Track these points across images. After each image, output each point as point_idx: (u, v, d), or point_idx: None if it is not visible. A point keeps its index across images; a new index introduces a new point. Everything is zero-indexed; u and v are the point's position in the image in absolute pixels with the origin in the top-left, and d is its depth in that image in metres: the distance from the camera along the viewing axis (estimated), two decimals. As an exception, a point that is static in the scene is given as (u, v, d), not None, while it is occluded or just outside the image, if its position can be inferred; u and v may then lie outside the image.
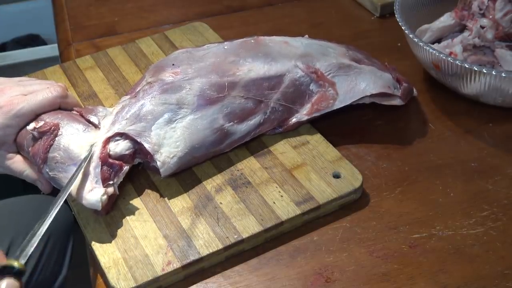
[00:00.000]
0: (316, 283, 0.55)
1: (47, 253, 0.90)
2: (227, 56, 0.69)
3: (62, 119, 0.61)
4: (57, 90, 0.63)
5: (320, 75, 0.69)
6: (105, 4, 1.02)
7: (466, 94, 0.74)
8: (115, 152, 0.60)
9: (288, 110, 0.68)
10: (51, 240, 0.91)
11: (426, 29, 0.81)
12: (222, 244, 0.57)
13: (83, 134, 0.61)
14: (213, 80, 0.66)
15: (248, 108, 0.66)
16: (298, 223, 0.60)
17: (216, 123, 0.64)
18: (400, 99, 0.70)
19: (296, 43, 0.73)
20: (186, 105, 0.64)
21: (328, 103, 0.68)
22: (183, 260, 0.55)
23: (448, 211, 0.62)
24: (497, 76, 0.67)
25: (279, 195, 0.61)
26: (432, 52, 0.70)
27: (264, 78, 0.67)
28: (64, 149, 0.59)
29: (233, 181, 0.63)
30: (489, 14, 0.76)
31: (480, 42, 0.76)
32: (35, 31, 1.76)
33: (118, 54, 0.84)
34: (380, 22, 0.95)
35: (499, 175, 0.65)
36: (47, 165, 0.59)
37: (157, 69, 0.68)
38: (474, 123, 0.73)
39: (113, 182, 0.59)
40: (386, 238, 0.59)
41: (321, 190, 0.61)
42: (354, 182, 0.62)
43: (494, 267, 0.56)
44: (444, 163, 0.67)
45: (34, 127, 0.60)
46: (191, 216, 0.60)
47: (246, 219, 0.59)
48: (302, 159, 0.65)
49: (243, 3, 1.01)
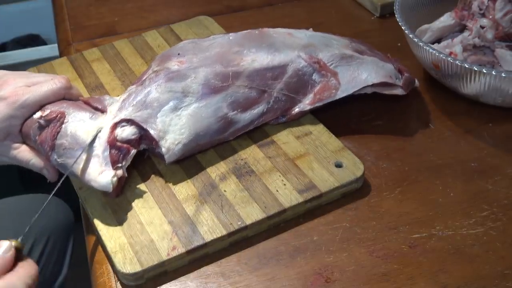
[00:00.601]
0: (316, 283, 0.55)
1: (47, 253, 0.90)
2: (231, 47, 0.70)
3: (68, 108, 0.62)
4: (61, 81, 0.63)
5: (323, 65, 0.69)
6: (105, 4, 1.02)
7: (466, 94, 0.74)
8: (121, 137, 0.61)
9: (291, 100, 0.69)
10: (51, 240, 0.92)
11: (426, 29, 0.81)
12: (226, 230, 0.58)
13: (90, 121, 0.62)
14: (217, 70, 0.67)
15: (252, 98, 0.67)
16: (300, 210, 0.61)
17: (220, 111, 0.65)
18: (401, 88, 0.70)
19: (300, 34, 0.74)
20: (191, 93, 0.65)
21: (331, 93, 0.69)
22: (187, 246, 0.56)
23: (448, 211, 0.62)
24: (497, 76, 0.67)
25: (282, 183, 0.62)
26: (432, 52, 0.70)
27: (268, 68, 0.68)
28: (71, 135, 0.60)
29: (237, 170, 0.64)
30: (489, 14, 0.76)
31: (480, 42, 0.76)
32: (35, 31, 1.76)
33: (125, 47, 0.85)
34: (380, 22, 0.95)
35: (499, 175, 0.65)
36: (55, 152, 0.60)
37: (163, 58, 0.69)
38: (474, 123, 0.73)
39: (121, 165, 0.61)
40: (386, 238, 0.59)
41: (323, 178, 0.62)
42: (355, 172, 0.63)
43: (494, 267, 0.56)
44: (444, 163, 0.67)
45: (41, 116, 0.61)
46: (196, 203, 0.61)
47: (249, 207, 0.60)
48: (305, 149, 0.66)
49: (243, 3, 1.01)
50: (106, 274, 0.58)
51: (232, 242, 0.59)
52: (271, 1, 1.01)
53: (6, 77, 0.63)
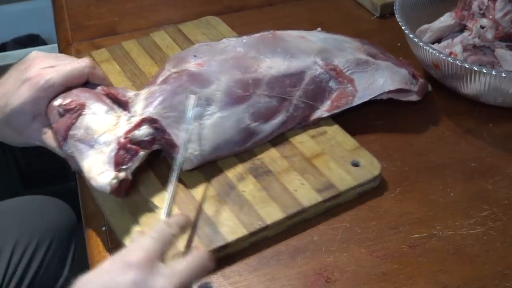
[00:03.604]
0: (316, 283, 0.55)
1: (50, 255, 0.91)
2: (247, 51, 0.70)
3: (89, 98, 0.61)
4: (85, 61, 0.63)
5: (339, 72, 0.70)
6: (105, 4, 1.02)
7: (466, 94, 0.74)
8: (135, 137, 0.60)
9: (310, 107, 0.69)
10: (55, 242, 0.92)
11: (426, 29, 0.81)
12: (247, 230, 0.57)
13: (106, 115, 0.61)
14: (236, 76, 0.67)
15: (273, 107, 0.67)
16: (320, 210, 0.61)
17: (242, 122, 0.65)
18: (416, 94, 0.71)
19: (312, 37, 0.74)
20: (215, 101, 0.64)
21: (348, 99, 0.69)
22: (209, 246, 0.56)
23: (448, 211, 0.62)
24: (497, 76, 0.67)
25: (300, 183, 0.62)
26: (432, 52, 0.70)
27: (285, 75, 0.68)
28: (85, 127, 0.59)
29: (254, 170, 0.64)
30: (489, 14, 0.76)
31: (480, 42, 0.76)
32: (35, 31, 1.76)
33: (133, 47, 0.85)
34: (380, 22, 0.95)
35: (499, 175, 0.65)
36: (67, 143, 0.59)
37: (178, 60, 0.69)
38: (474, 123, 0.73)
39: (126, 167, 0.59)
40: (386, 238, 0.59)
41: (341, 178, 0.62)
42: (373, 170, 0.63)
43: (494, 267, 0.56)
44: (444, 163, 0.67)
45: (60, 104, 0.60)
46: (215, 204, 0.60)
47: (269, 206, 0.60)
48: (321, 149, 0.66)
49: (243, 3, 1.01)
50: (106, 274, 0.57)
51: (253, 242, 0.58)
52: (272, 1, 1.01)
53: (35, 59, 0.63)
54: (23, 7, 1.73)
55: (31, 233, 0.89)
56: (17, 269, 0.85)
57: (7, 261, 0.85)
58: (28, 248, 0.87)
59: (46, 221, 0.93)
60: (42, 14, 1.59)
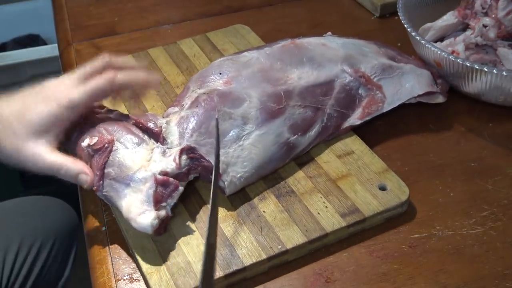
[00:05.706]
0: (316, 283, 0.55)
1: (53, 255, 0.91)
2: (272, 63, 0.68)
3: (117, 131, 0.58)
4: (109, 75, 0.58)
5: (368, 78, 0.69)
6: (105, 4, 1.02)
7: (467, 93, 0.74)
8: (173, 172, 0.57)
9: (342, 116, 0.68)
10: (57, 242, 0.92)
11: (428, 27, 0.81)
12: (265, 254, 0.55)
13: (138, 149, 0.58)
14: (268, 90, 0.64)
15: (308, 117, 0.65)
16: (342, 235, 0.58)
17: (282, 137, 0.63)
18: (441, 96, 0.71)
19: (332, 44, 0.73)
20: (251, 119, 0.62)
21: (378, 106, 0.69)
22: (226, 269, 0.54)
23: (448, 211, 0.62)
24: (498, 75, 0.67)
25: (323, 205, 0.59)
26: (434, 51, 0.70)
27: (316, 85, 0.67)
28: (118, 164, 0.56)
29: (276, 190, 0.62)
30: (492, 13, 0.76)
31: (483, 41, 0.76)
32: (35, 31, 1.76)
33: (160, 55, 0.83)
34: (380, 22, 0.95)
35: (499, 175, 0.65)
36: (103, 183, 0.56)
37: (203, 79, 0.66)
38: (474, 122, 0.73)
39: (165, 204, 0.56)
40: (386, 238, 0.59)
41: (366, 202, 0.59)
42: (400, 195, 0.60)
43: (494, 267, 0.56)
44: (444, 163, 0.67)
45: (88, 144, 0.57)
46: (234, 224, 0.58)
47: (290, 229, 0.57)
48: (347, 169, 0.63)
49: (243, 3, 1.01)
50: (106, 274, 0.57)
51: (271, 266, 0.56)
52: (271, 1, 1.01)
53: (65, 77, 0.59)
54: (23, 7, 1.73)
55: (35, 234, 0.89)
56: (22, 269, 0.86)
57: (13, 261, 0.85)
58: (32, 248, 0.88)
59: (49, 222, 0.93)
60: (42, 14, 1.60)
